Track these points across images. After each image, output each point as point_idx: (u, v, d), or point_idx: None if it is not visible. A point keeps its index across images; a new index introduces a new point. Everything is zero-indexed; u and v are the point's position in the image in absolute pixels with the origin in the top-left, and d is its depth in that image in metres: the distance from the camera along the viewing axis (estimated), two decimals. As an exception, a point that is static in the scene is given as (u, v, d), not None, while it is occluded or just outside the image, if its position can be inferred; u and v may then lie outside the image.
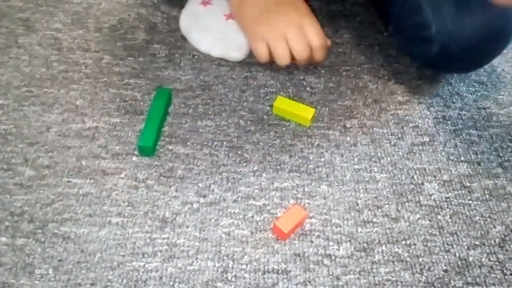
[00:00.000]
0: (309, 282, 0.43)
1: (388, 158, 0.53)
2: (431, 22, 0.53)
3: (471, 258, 0.46)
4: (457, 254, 0.46)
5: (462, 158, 0.54)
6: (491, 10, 0.50)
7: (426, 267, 0.45)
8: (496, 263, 0.46)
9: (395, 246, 0.46)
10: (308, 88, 0.60)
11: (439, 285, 0.44)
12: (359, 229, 0.47)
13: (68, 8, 0.69)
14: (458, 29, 0.52)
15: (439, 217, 0.49)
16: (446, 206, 0.49)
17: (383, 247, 0.46)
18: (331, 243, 0.46)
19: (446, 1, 0.52)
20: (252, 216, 0.48)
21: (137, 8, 0.69)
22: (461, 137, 0.56)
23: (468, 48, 0.53)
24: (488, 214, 0.49)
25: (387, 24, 0.65)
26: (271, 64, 0.59)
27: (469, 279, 0.44)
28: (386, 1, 0.62)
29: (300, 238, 0.46)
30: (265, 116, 0.57)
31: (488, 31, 0.51)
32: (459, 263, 0.45)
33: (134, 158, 0.52)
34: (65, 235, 0.45)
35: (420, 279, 0.44)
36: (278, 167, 0.52)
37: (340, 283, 0.44)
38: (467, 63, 0.57)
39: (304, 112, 0.55)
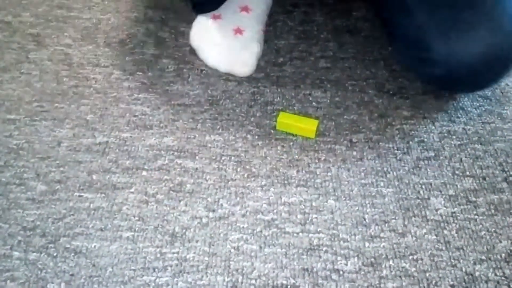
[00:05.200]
0: (318, 297, 0.44)
1: (394, 173, 0.54)
2: (435, 46, 0.54)
3: (477, 273, 0.46)
4: (463, 269, 0.46)
5: (467, 173, 0.54)
6: (495, 34, 0.51)
7: (433, 282, 0.45)
8: (503, 278, 0.46)
9: (402, 261, 0.47)
10: (314, 103, 0.61)
11: (446, 300, 0.44)
12: (367, 244, 0.48)
13: (78, 23, 0.70)
14: (462, 54, 0.52)
15: (445, 232, 0.49)
16: (452, 220, 0.50)
17: (391, 262, 0.47)
18: (339, 258, 0.47)
19: (450, 25, 0.53)
20: (261, 231, 0.48)
21: (145, 23, 0.71)
22: (466, 152, 0.56)
23: (472, 72, 0.53)
24: (494, 229, 0.49)
25: (391, 44, 0.66)
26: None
27: (476, 294, 0.45)
28: (391, 22, 0.63)
29: (308, 253, 0.47)
30: (272, 131, 0.58)
31: (492, 55, 0.52)
32: (466, 278, 0.46)
33: (144, 173, 0.53)
34: (76, 250, 0.46)
35: (428, 294, 0.45)
36: (285, 181, 0.53)
37: (348, 298, 0.44)
38: (472, 85, 0.58)
39: (308, 124, 0.56)
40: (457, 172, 0.54)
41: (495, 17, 0.51)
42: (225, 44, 0.63)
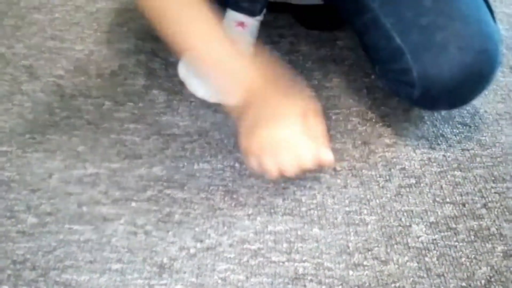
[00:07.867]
0: (303, 326, 0.45)
1: (377, 200, 0.56)
2: (412, 68, 0.56)
3: (458, 300, 0.48)
4: (444, 296, 0.48)
5: (448, 200, 0.56)
6: (466, 53, 0.54)
7: (415, 310, 0.47)
8: (482, 304, 0.47)
9: (385, 289, 0.48)
10: (300, 132, 0.63)
11: (428, 328, 0.45)
12: (350, 272, 0.49)
13: (70, 54, 0.72)
14: (437, 74, 0.55)
15: (426, 259, 0.51)
16: (433, 248, 0.52)
17: (374, 290, 0.48)
18: (323, 287, 0.48)
19: (426, 47, 0.55)
20: (247, 261, 0.50)
21: (136, 54, 0.73)
22: (446, 178, 0.58)
23: (448, 91, 0.56)
24: (473, 255, 0.51)
25: (373, 66, 0.68)
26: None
27: (457, 321, 0.46)
28: (371, 46, 0.66)
29: (294, 282, 0.48)
30: (259, 160, 0.59)
31: (466, 74, 0.54)
32: (447, 304, 0.47)
33: (133, 204, 0.54)
34: (66, 283, 0.47)
35: (410, 321, 0.46)
36: (272, 210, 0.54)
37: (333, 327, 0.45)
38: (450, 102, 0.60)
39: None
40: (437, 199, 0.56)
41: (465, 37, 0.54)
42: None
